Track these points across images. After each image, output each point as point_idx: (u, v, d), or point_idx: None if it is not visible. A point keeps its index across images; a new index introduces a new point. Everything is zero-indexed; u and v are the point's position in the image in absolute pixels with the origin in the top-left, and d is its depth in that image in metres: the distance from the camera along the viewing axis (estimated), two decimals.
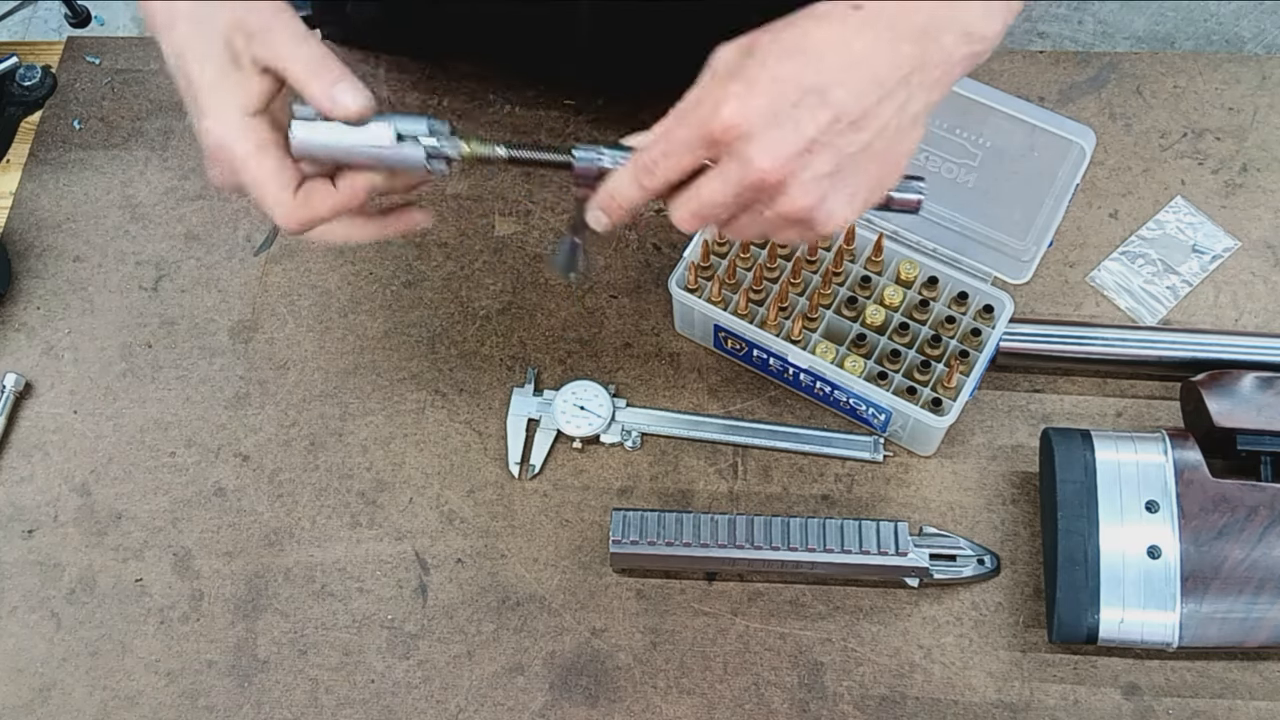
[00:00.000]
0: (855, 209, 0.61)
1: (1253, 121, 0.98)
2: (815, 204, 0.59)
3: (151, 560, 0.85)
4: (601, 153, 0.64)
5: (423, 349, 0.92)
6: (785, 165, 0.58)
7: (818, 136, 0.57)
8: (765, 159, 0.57)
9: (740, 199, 0.60)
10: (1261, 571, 0.75)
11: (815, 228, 0.61)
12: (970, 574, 0.81)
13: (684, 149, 0.60)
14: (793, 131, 0.57)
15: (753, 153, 0.58)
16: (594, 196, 0.65)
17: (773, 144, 0.57)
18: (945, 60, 0.59)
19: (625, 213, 0.64)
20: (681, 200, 0.62)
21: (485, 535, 0.85)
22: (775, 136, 0.57)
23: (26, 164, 1.01)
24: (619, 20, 0.92)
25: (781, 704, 0.79)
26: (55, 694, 0.81)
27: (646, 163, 0.61)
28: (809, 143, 0.57)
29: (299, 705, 0.80)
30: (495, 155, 0.67)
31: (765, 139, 0.57)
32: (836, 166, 0.58)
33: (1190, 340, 0.87)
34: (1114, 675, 0.79)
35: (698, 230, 0.63)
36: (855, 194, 0.60)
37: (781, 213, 0.60)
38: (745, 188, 0.59)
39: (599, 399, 0.87)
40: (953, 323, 0.85)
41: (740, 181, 0.59)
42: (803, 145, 0.57)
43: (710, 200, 0.61)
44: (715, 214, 0.61)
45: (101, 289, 0.95)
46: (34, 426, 0.90)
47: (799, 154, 0.58)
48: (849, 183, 0.60)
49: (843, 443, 0.87)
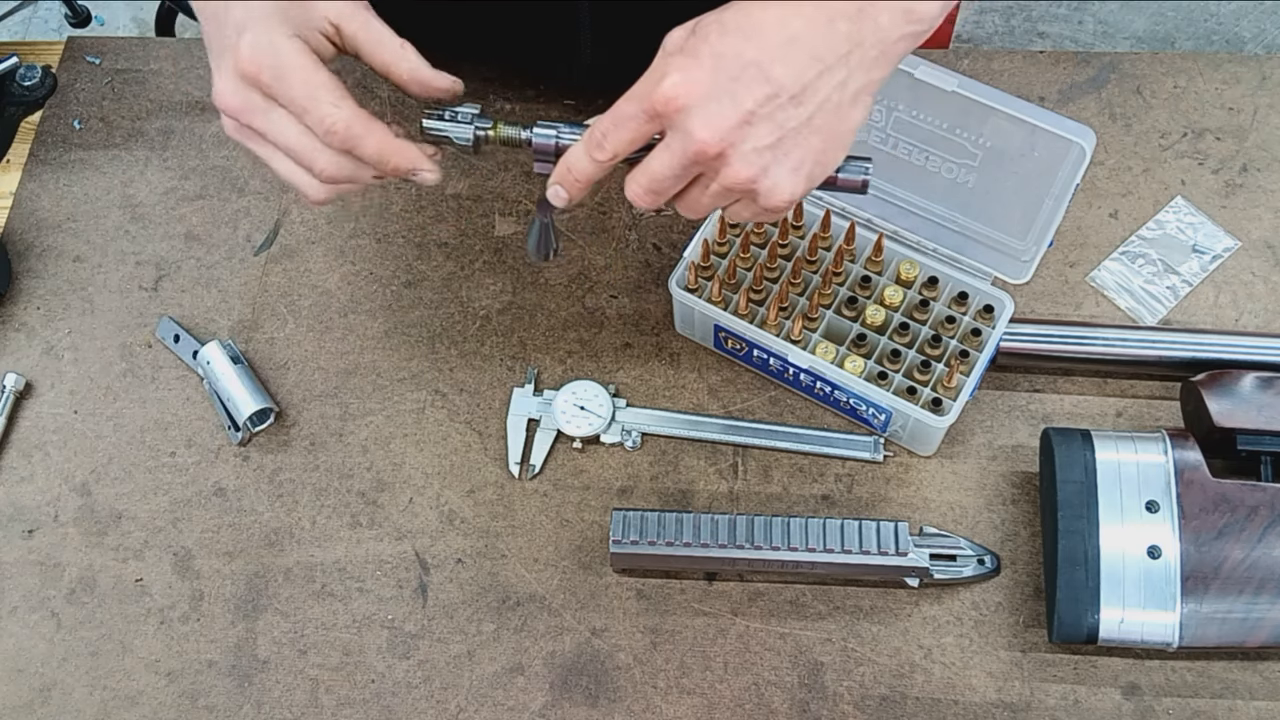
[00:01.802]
0: (799, 183, 0.63)
1: (1253, 121, 0.98)
2: (757, 175, 0.61)
3: (151, 560, 0.85)
4: (559, 130, 0.68)
5: (423, 349, 0.92)
6: (725, 136, 0.60)
7: (756, 109, 0.59)
8: (705, 130, 0.60)
9: (686, 171, 0.62)
10: (1261, 571, 0.75)
11: (760, 200, 0.63)
12: (970, 574, 0.81)
13: (630, 121, 0.62)
14: (731, 104, 0.59)
15: (693, 125, 0.60)
16: (552, 173, 0.67)
17: (712, 116, 0.59)
18: (882, 39, 0.61)
19: (581, 187, 0.67)
20: (633, 175, 0.64)
21: (485, 535, 0.85)
22: (714, 109, 0.59)
23: (26, 164, 1.01)
24: (619, 20, 0.92)
25: (781, 704, 0.79)
26: (55, 694, 0.81)
27: (597, 136, 0.64)
28: (747, 115, 0.59)
29: (299, 705, 0.80)
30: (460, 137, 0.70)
31: (705, 111, 0.59)
32: (777, 139, 0.60)
33: (1190, 340, 0.87)
34: (1114, 675, 0.79)
35: (652, 206, 0.65)
36: (798, 168, 0.62)
37: (726, 185, 0.62)
38: (689, 159, 0.61)
39: (599, 399, 0.87)
40: (953, 323, 0.85)
41: (683, 153, 0.61)
42: (741, 117, 0.59)
43: (658, 173, 0.63)
44: (663, 186, 0.64)
45: (101, 289, 0.95)
46: (34, 426, 0.90)
47: (738, 126, 0.60)
48: (791, 156, 0.61)
49: (843, 443, 0.87)
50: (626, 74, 0.97)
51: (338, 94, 0.64)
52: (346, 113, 0.64)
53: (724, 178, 0.62)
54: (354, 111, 0.65)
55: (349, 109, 0.64)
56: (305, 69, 0.64)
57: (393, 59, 0.67)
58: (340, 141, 0.65)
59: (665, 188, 0.64)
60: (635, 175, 0.64)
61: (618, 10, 0.90)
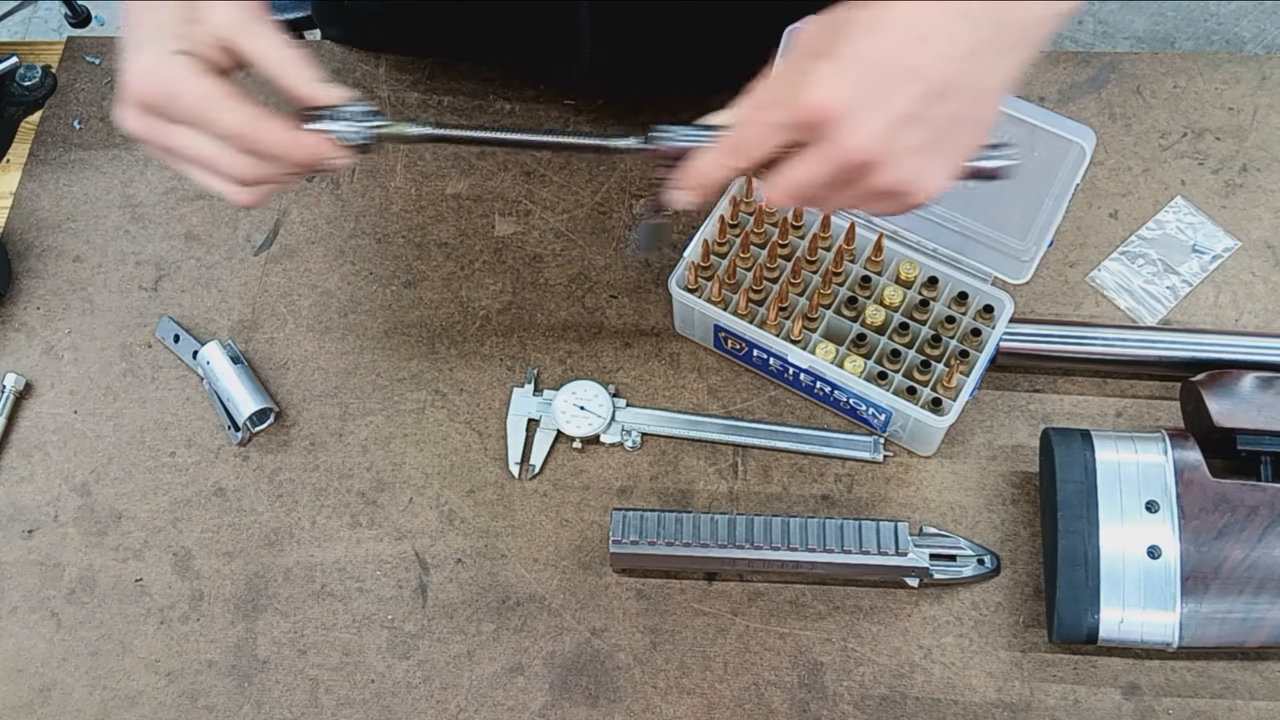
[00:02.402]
0: (945, 177, 0.61)
1: (1253, 121, 0.98)
2: (909, 178, 0.59)
3: (151, 560, 0.85)
4: (678, 133, 0.66)
5: (423, 349, 0.92)
6: (878, 144, 0.58)
7: (908, 111, 0.58)
8: (858, 139, 0.58)
9: (834, 179, 0.60)
10: (1261, 571, 0.75)
11: (906, 199, 0.61)
12: (970, 574, 0.81)
13: (774, 131, 0.60)
14: (881, 109, 0.57)
15: (845, 135, 0.58)
16: (676, 176, 0.65)
17: (864, 124, 0.57)
18: (1021, 24, 0.60)
19: (709, 191, 0.65)
20: (774, 180, 0.62)
21: (485, 535, 0.85)
22: (865, 117, 0.57)
23: (26, 164, 1.01)
24: (619, 20, 0.92)
25: (781, 704, 0.79)
26: (55, 694, 0.81)
27: (735, 144, 0.62)
28: (900, 118, 0.58)
29: (299, 705, 0.80)
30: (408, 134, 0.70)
31: (856, 119, 0.57)
32: (926, 140, 0.59)
33: (1190, 340, 0.87)
34: (1114, 675, 0.79)
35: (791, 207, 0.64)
36: (945, 163, 0.61)
37: (874, 189, 0.60)
38: (839, 168, 0.59)
39: (599, 399, 0.87)
40: (953, 323, 0.85)
41: (834, 162, 0.59)
42: (891, 122, 0.58)
43: (805, 181, 0.61)
44: (808, 193, 0.62)
45: (101, 289, 0.95)
46: (34, 426, 0.90)
47: (889, 131, 0.58)
48: (939, 152, 0.60)
49: (843, 443, 0.87)
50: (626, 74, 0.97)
51: (230, 99, 0.65)
52: (243, 115, 0.65)
53: (873, 182, 0.60)
54: (250, 112, 0.65)
55: (245, 111, 0.65)
56: (191, 83, 0.64)
57: (278, 72, 0.67)
58: (243, 144, 0.65)
59: (810, 194, 0.62)
60: (778, 181, 0.62)
61: (618, 10, 0.90)
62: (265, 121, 0.65)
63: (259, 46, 0.66)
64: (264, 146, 0.66)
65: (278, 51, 0.66)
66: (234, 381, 0.88)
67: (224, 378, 0.88)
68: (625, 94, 1.01)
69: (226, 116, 0.65)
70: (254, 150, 0.66)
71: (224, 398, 0.88)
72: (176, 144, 0.66)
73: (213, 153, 0.66)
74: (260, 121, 0.65)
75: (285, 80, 0.66)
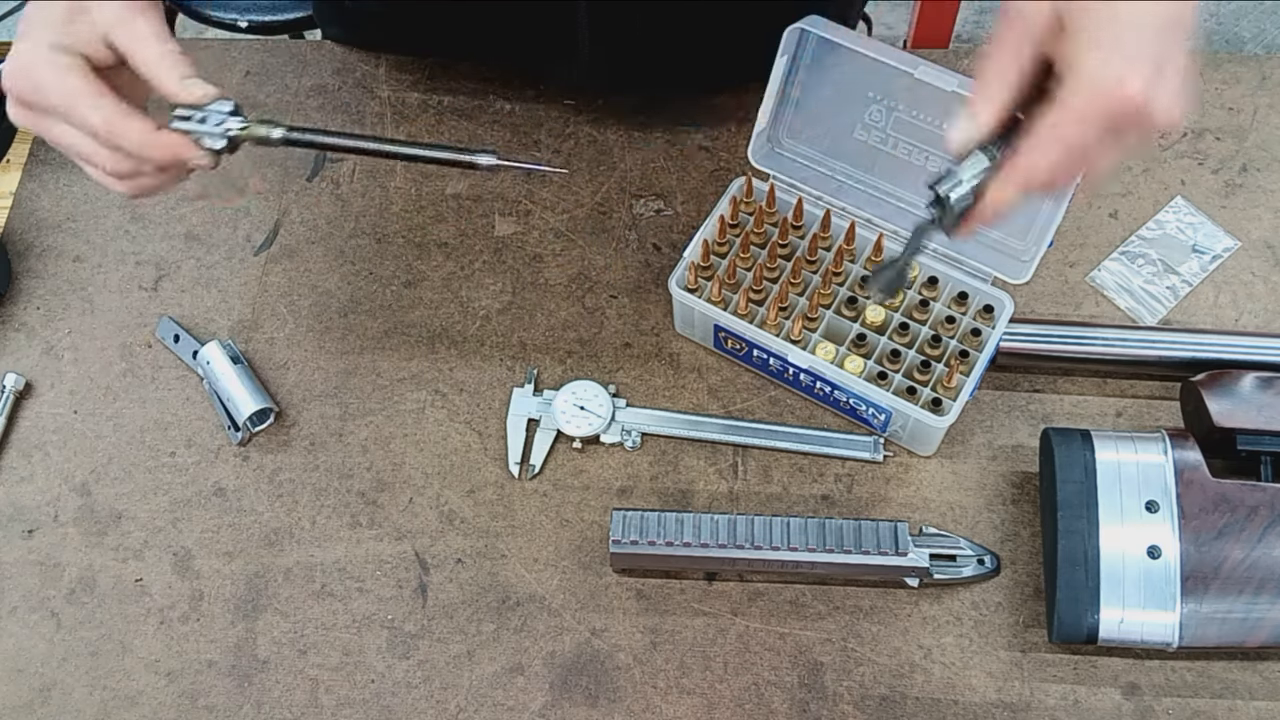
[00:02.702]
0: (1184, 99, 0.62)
1: (1253, 121, 0.98)
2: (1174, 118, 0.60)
3: (151, 560, 0.85)
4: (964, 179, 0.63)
5: (423, 349, 0.92)
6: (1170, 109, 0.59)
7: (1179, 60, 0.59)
8: (1163, 116, 0.59)
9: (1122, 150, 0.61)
10: (1261, 571, 0.75)
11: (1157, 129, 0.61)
12: (970, 574, 0.81)
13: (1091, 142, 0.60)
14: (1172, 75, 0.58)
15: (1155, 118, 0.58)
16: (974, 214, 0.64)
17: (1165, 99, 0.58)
18: None
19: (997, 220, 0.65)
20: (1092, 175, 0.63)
21: (485, 535, 0.85)
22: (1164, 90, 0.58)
23: (26, 164, 1.01)
24: (617, 20, 0.92)
25: (781, 704, 0.79)
26: (55, 694, 0.81)
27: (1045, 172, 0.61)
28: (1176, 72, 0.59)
29: (299, 705, 0.80)
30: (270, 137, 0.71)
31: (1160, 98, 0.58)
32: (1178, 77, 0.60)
33: (1190, 340, 0.87)
34: (1114, 675, 0.79)
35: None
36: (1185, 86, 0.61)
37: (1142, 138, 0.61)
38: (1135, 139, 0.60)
39: (599, 399, 0.87)
40: (953, 323, 0.85)
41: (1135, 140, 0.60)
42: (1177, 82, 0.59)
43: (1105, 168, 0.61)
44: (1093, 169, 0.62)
45: (101, 289, 0.95)
46: (34, 426, 0.90)
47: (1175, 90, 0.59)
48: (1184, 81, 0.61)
49: (843, 443, 0.87)
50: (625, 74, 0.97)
51: (94, 96, 0.66)
52: (104, 112, 0.66)
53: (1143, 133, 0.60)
54: (112, 110, 0.66)
55: (106, 108, 0.66)
56: (58, 78, 0.66)
57: (149, 70, 0.67)
58: (105, 139, 0.67)
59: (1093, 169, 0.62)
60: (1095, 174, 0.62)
61: (616, 10, 0.90)
62: (125, 121, 0.66)
63: (133, 43, 0.67)
64: (124, 144, 0.67)
65: (151, 48, 0.67)
66: (234, 381, 0.88)
67: (224, 378, 0.88)
68: (625, 94, 1.01)
69: (88, 114, 0.66)
70: (118, 146, 0.67)
71: (224, 398, 0.88)
72: (52, 135, 0.68)
73: (86, 146, 0.67)
74: (120, 121, 0.66)
75: (155, 78, 0.67)
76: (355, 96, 1.03)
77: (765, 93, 0.85)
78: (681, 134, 1.01)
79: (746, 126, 0.91)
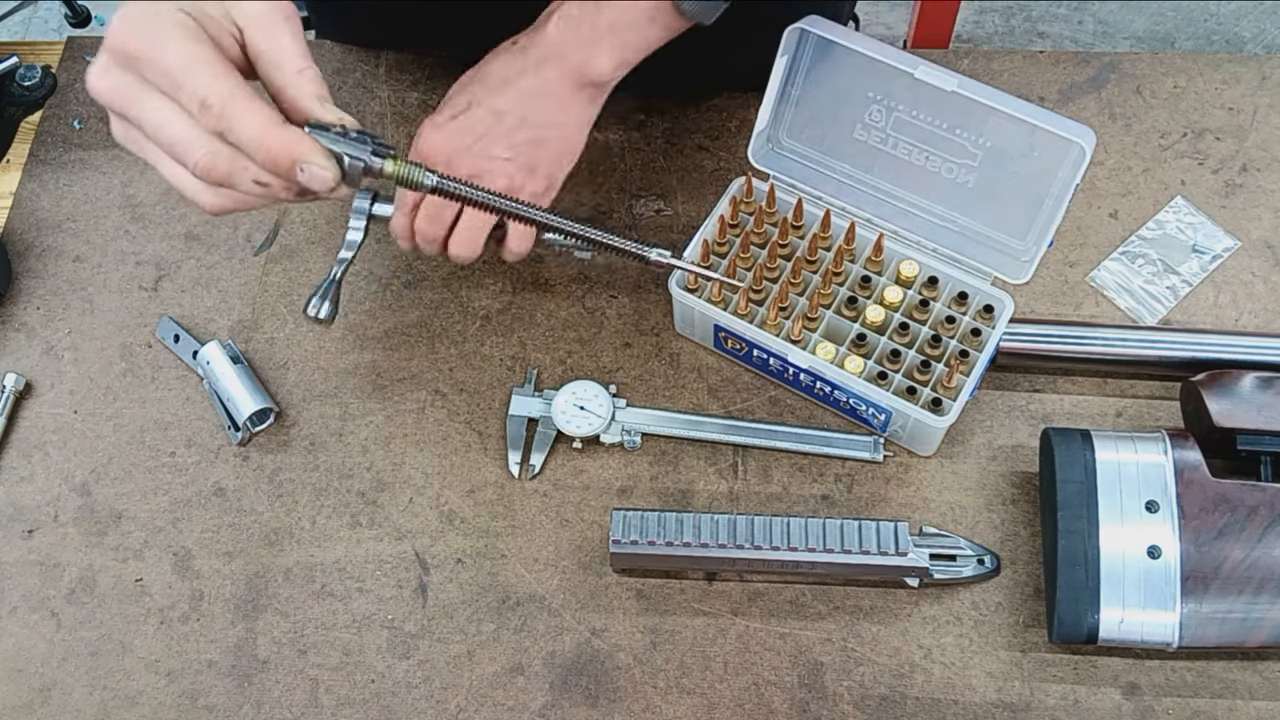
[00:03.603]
0: None
1: (1253, 121, 0.98)
2: None
3: (151, 560, 0.85)
4: None
5: (423, 349, 0.92)
6: None
7: None
8: None
9: None
10: (1261, 571, 0.75)
11: None
12: (970, 574, 0.81)
13: None
14: None
15: None
16: None
17: None
18: None
19: None
20: None
21: (485, 535, 0.85)
22: None
23: (26, 164, 1.01)
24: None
25: (781, 704, 0.79)
26: (55, 694, 0.81)
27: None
28: None
29: (299, 705, 0.80)
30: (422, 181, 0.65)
31: None
32: None
33: (1190, 340, 0.87)
34: (1114, 675, 0.79)
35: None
36: None
37: None
38: None
39: (599, 399, 0.87)
40: (953, 323, 0.85)
41: None
42: None
43: None
44: None
45: (101, 289, 0.95)
46: (34, 426, 0.90)
47: None
48: None
49: (843, 443, 0.87)
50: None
51: (220, 67, 0.57)
52: (226, 86, 0.57)
53: None
54: (236, 86, 0.57)
55: (230, 82, 0.57)
56: (180, 42, 0.57)
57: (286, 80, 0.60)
58: (215, 118, 0.57)
59: None
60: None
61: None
62: (252, 101, 0.57)
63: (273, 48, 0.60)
64: (239, 129, 0.57)
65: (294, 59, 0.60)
66: (234, 381, 0.88)
67: (224, 378, 0.88)
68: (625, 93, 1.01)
69: (211, 83, 0.57)
70: (228, 130, 0.57)
71: (224, 398, 0.88)
72: (145, 114, 0.58)
73: (179, 131, 0.58)
74: (246, 100, 0.57)
75: (291, 92, 0.61)
76: (355, 96, 1.03)
77: (765, 93, 0.85)
78: (681, 134, 1.01)
79: (746, 126, 0.91)
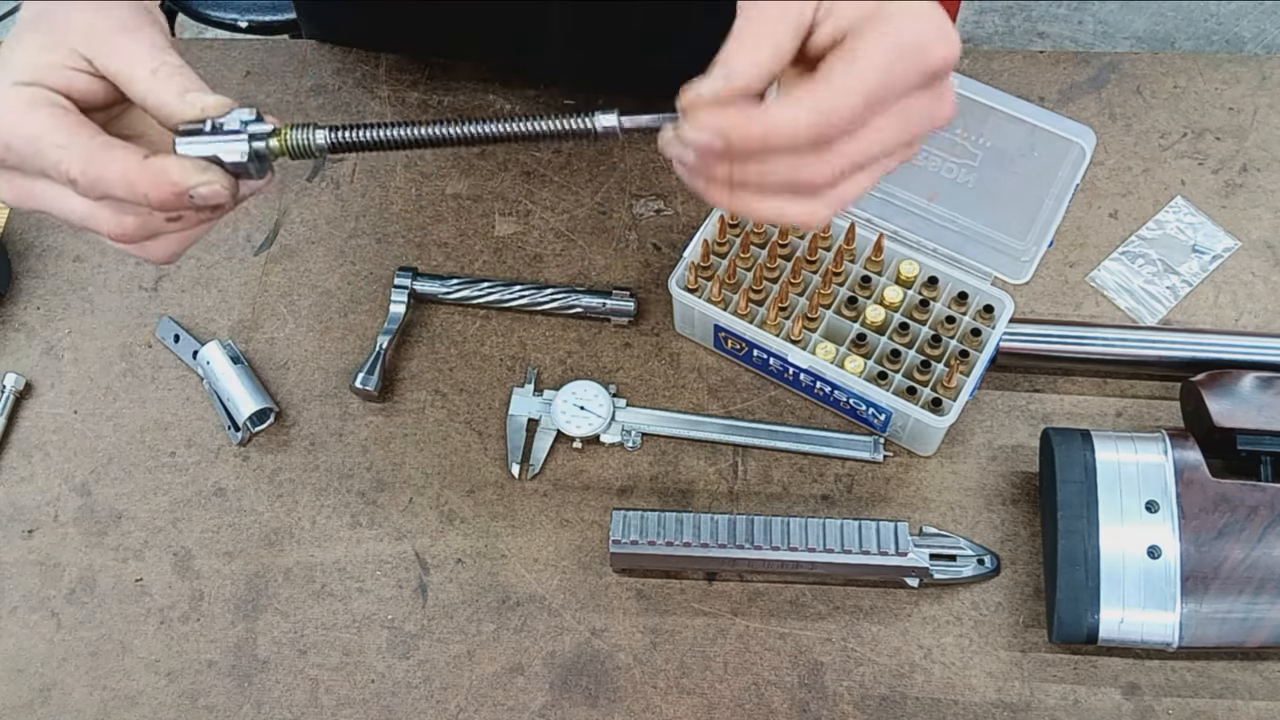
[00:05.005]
0: None
1: (1253, 121, 0.98)
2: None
3: (151, 560, 0.85)
4: None
5: (423, 349, 0.92)
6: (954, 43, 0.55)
7: None
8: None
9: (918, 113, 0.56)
10: (1261, 571, 0.75)
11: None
12: (970, 574, 0.81)
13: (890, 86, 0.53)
14: None
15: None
16: None
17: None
18: None
19: None
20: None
21: (485, 535, 0.85)
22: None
23: None
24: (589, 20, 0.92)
25: (781, 704, 0.79)
26: (55, 694, 0.81)
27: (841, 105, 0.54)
28: None
29: (299, 705, 0.80)
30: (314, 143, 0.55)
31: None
32: None
33: (1190, 340, 0.87)
34: (1114, 675, 0.79)
35: None
36: None
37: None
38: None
39: (599, 399, 0.87)
40: (953, 323, 0.85)
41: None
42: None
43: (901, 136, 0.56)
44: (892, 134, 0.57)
45: (101, 289, 0.95)
46: (34, 426, 0.90)
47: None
48: None
49: (843, 443, 0.87)
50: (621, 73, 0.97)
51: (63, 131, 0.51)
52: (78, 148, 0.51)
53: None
54: (86, 141, 0.51)
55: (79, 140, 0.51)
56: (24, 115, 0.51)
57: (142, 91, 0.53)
58: (89, 187, 0.51)
59: None
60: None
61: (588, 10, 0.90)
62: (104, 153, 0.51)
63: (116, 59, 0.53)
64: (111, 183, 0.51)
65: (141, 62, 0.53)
66: (234, 381, 0.88)
67: (224, 378, 0.88)
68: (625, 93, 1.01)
69: (61, 153, 0.51)
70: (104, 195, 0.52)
71: (224, 398, 0.88)
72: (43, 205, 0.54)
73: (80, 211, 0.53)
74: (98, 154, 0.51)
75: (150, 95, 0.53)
76: (355, 96, 1.03)
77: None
78: None
79: None
